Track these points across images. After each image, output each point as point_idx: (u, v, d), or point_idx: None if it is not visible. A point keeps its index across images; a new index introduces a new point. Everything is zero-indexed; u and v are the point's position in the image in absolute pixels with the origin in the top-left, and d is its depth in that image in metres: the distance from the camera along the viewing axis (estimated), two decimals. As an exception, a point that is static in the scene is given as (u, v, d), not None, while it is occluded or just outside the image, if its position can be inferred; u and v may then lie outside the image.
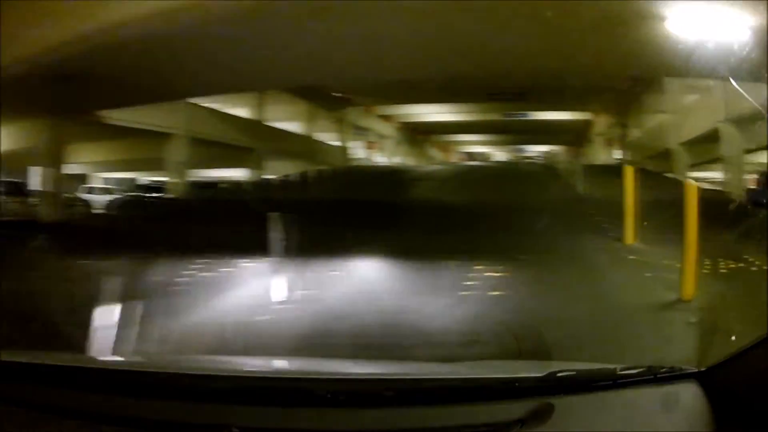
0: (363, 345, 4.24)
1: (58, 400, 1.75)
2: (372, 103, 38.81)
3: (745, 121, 14.76)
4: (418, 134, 52.02)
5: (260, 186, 25.67)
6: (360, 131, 39.06)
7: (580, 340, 4.32)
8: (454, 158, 71.67)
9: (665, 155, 21.90)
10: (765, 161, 15.29)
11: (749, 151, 15.98)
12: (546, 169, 27.18)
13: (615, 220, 9.52)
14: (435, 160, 55.81)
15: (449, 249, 8.34)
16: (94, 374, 1.94)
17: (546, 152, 57.61)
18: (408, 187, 19.43)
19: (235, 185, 28.95)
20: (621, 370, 1.83)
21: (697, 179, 8.73)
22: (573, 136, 49.20)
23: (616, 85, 28.18)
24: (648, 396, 1.74)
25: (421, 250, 8.20)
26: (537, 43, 13.31)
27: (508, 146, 61.92)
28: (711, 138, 16.92)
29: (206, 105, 26.23)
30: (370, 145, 40.13)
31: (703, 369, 1.80)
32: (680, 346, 3.88)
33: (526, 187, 17.48)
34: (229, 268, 7.75)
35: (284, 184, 23.43)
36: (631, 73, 24.80)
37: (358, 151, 41.73)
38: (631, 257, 8.21)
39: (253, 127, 28.91)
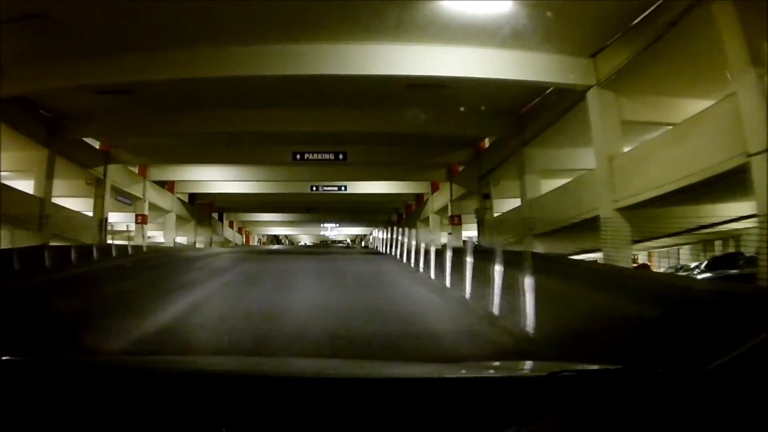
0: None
1: (57, 399, 1.74)
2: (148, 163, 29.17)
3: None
4: (208, 209, 42.51)
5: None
6: (126, 199, 28.74)
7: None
8: (253, 243, 63.09)
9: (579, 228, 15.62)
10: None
11: None
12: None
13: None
14: (229, 245, 46.81)
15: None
16: (95, 374, 1.95)
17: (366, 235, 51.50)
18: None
19: None
20: (621, 370, 1.89)
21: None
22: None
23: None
24: (648, 396, 1.72)
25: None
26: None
27: (321, 226, 54.85)
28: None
29: None
30: (141, 219, 29.80)
31: (702, 369, 1.77)
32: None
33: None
34: None
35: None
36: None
37: (124, 225, 31.38)
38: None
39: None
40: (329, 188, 32.82)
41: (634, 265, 37.08)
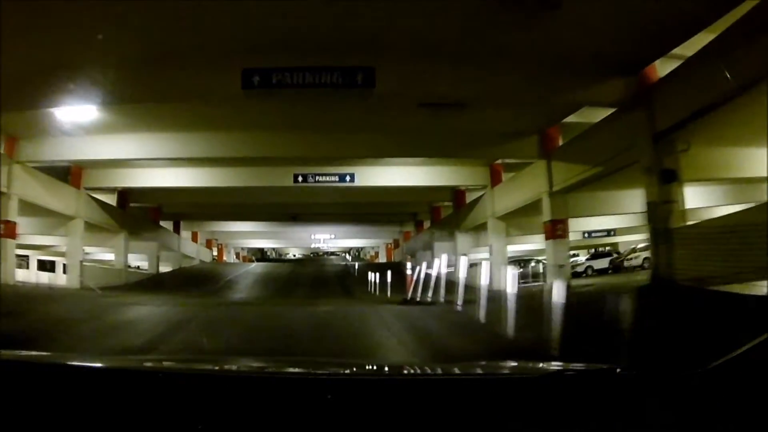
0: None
1: (55, 398, 1.70)
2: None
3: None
4: (154, 216, 29.99)
5: None
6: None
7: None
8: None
9: None
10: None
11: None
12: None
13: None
14: (193, 263, 34.80)
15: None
16: (94, 373, 1.95)
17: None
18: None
19: None
20: (621, 370, 1.84)
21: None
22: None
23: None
24: (648, 396, 1.69)
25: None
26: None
27: (311, 238, 42.60)
28: None
29: None
30: (5, 229, 17.30)
31: (702, 369, 1.72)
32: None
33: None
34: None
35: None
36: None
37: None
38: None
39: None
40: (325, 179, 20.32)
41: None
